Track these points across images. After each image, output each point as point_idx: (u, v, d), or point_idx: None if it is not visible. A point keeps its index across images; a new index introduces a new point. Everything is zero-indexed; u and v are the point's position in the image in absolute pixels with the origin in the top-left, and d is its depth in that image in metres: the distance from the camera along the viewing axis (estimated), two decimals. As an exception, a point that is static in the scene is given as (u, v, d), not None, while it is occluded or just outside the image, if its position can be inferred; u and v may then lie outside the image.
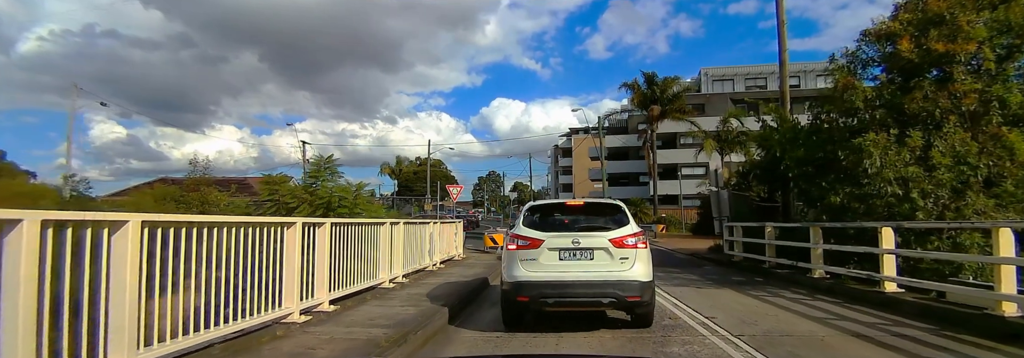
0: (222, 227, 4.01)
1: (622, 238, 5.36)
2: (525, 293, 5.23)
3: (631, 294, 5.17)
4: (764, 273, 10.33)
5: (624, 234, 5.39)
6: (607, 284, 5.20)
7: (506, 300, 5.47)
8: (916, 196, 7.45)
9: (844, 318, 6.02)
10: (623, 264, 5.29)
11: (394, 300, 6.43)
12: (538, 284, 5.21)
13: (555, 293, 5.21)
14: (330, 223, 5.67)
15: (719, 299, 7.46)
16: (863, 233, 8.06)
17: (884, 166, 7.56)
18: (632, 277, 5.23)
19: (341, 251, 6.03)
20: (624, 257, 5.31)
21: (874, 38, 8.79)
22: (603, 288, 5.19)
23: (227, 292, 4.10)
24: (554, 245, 5.35)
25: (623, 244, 5.34)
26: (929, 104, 7.84)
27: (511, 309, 5.54)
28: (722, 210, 15.01)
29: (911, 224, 7.18)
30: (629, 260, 5.31)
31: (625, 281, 5.20)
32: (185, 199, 18.12)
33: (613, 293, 5.16)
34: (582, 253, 5.34)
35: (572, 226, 5.66)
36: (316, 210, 10.46)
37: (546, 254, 5.33)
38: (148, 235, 3.31)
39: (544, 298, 5.20)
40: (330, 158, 11.76)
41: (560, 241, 5.36)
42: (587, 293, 5.21)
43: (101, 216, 3.10)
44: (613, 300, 5.20)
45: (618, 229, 5.45)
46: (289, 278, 4.90)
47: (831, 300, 7.23)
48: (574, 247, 5.34)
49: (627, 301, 5.21)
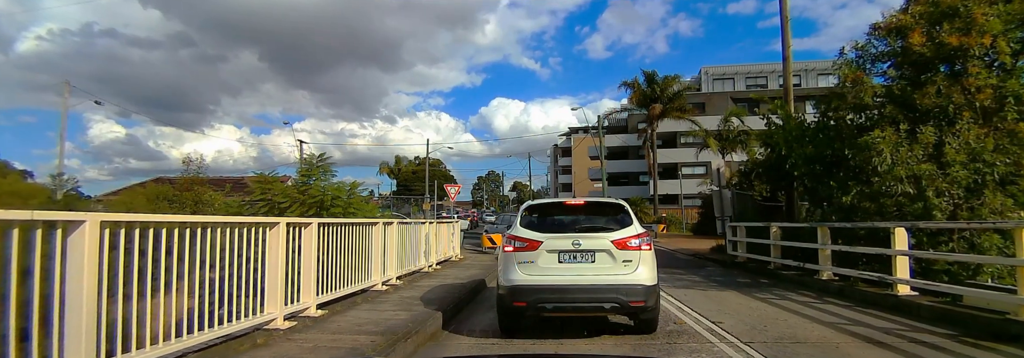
0: (196, 227, 3.72)
1: (625, 239, 5.02)
2: (522, 298, 4.89)
3: (635, 299, 4.82)
4: (769, 274, 10.05)
5: (627, 235, 5.05)
6: (609, 288, 4.85)
7: (502, 305, 5.11)
8: (931, 194, 7.16)
9: (858, 323, 5.73)
10: (626, 267, 4.96)
11: (386, 304, 6.14)
12: (536, 288, 4.88)
13: (554, 298, 4.88)
14: (317, 223, 5.38)
15: (725, 302, 7.17)
16: (874, 233, 7.78)
17: (896, 163, 7.29)
18: (636, 281, 4.89)
19: (330, 252, 5.74)
20: (627, 259, 4.97)
21: (884, 32, 8.51)
22: (605, 293, 4.84)
23: (202, 297, 3.83)
24: (553, 247, 5.03)
25: (626, 246, 5.00)
26: (942, 100, 7.56)
27: (507, 315, 5.16)
28: (724, 210, 14.71)
29: (928, 224, 6.88)
30: (633, 263, 4.97)
31: (628, 285, 4.86)
32: (178, 198, 17.82)
33: (615, 298, 4.82)
34: (583, 255, 5.02)
35: (572, 227, 5.31)
36: (309, 210, 10.16)
37: (545, 256, 5.01)
38: (110, 236, 3.03)
39: (542, 303, 4.87)
40: (323, 156, 11.45)
41: (559, 243, 5.04)
42: (588, 298, 4.87)
43: (53, 216, 2.81)
44: (615, 305, 4.85)
45: (621, 230, 5.12)
46: (272, 282, 4.62)
47: (842, 303, 6.94)
48: (574, 249, 5.01)
49: (630, 306, 4.85)
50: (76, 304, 2.82)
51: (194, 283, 3.80)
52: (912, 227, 6.86)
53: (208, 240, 3.80)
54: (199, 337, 3.72)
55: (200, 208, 17.93)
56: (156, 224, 3.39)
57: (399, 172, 67.83)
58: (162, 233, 3.41)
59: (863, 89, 8.06)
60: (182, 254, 3.66)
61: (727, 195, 14.73)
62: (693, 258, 15.07)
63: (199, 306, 3.78)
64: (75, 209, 14.68)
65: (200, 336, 3.72)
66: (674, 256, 16.09)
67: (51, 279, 2.77)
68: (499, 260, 5.42)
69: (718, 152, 29.38)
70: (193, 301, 3.77)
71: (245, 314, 4.25)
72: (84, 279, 2.83)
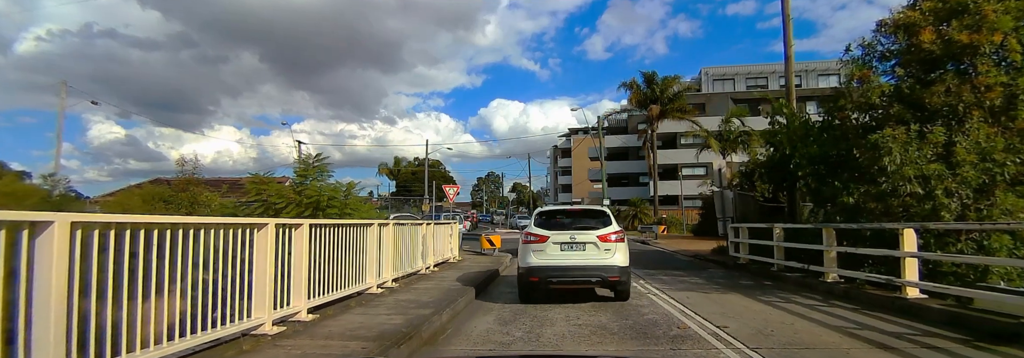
0: (177, 229, 3.54)
1: (606, 235, 7.08)
2: (536, 275, 6.92)
3: (612, 275, 6.86)
4: (773, 276, 9.87)
5: (607, 232, 7.12)
6: (595, 268, 6.89)
7: (522, 280, 7.16)
8: (940, 194, 6.98)
9: (867, 327, 5.55)
10: (607, 254, 7.00)
11: (380, 307, 5.95)
12: (545, 268, 6.91)
13: (557, 274, 6.89)
14: (308, 224, 5.20)
15: (729, 305, 6.99)
16: (880, 235, 7.61)
17: (905, 163, 7.10)
18: (613, 263, 6.93)
19: (322, 254, 5.56)
20: (607, 249, 7.01)
21: (892, 29, 8.33)
22: (592, 271, 6.89)
23: (187, 302, 3.65)
24: (557, 240, 7.04)
25: (607, 239, 7.05)
26: (952, 98, 7.38)
27: (526, 287, 7.16)
28: (726, 210, 14.52)
29: (939, 225, 6.70)
30: (611, 251, 7.01)
31: (608, 266, 6.90)
32: (174, 199, 17.61)
33: (599, 274, 6.87)
34: (577, 246, 7.05)
35: (570, 226, 7.26)
36: (305, 210, 9.97)
37: (551, 247, 7.03)
38: (82, 238, 2.85)
39: (549, 278, 6.88)
40: (319, 156, 11.27)
41: (561, 237, 7.06)
42: (581, 274, 6.90)
43: (18, 216, 2.63)
44: (599, 279, 6.92)
45: (603, 228, 7.16)
46: (260, 285, 4.44)
47: (849, 306, 6.76)
48: (571, 241, 7.06)
49: (609, 280, 6.93)
50: (44, 310, 2.64)
51: (176, 287, 3.64)
52: (921, 228, 6.67)
53: (190, 242, 3.62)
54: (181, 344, 3.53)
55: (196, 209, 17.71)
56: (133, 225, 3.21)
57: (398, 173, 67.59)
58: (140, 235, 3.23)
59: (870, 88, 7.87)
60: (163, 257, 3.48)
61: (729, 196, 14.54)
62: (694, 259, 14.88)
63: (181, 311, 3.60)
64: (68, 210, 14.49)
65: (182, 343, 3.54)
66: (675, 257, 15.91)
67: (16, 283, 2.59)
68: (519, 250, 7.40)
69: (719, 152, 29.17)
70: (174, 306, 3.60)
71: (231, 319, 4.07)
72: (53, 283, 2.65)
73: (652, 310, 6.61)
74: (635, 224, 33.69)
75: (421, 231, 9.78)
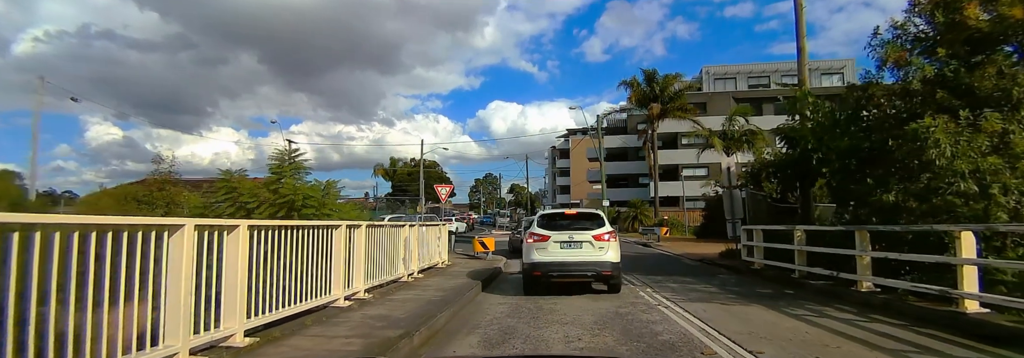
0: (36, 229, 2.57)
1: (600, 234, 7.94)
2: (539, 269, 7.82)
3: (605, 270, 7.75)
4: (794, 284, 8.90)
5: (601, 232, 7.98)
6: (590, 264, 7.76)
7: (526, 275, 8.03)
8: (996, 192, 6.03)
9: (929, 351, 4.58)
10: (600, 251, 7.86)
11: (341, 327, 4.95)
12: (547, 264, 7.79)
13: (557, 269, 7.77)
14: (247, 225, 4.22)
15: (755, 321, 6.01)
16: (923, 238, 6.65)
17: (956, 156, 6.15)
18: (606, 259, 7.81)
19: (271, 262, 4.60)
20: (601, 247, 7.87)
21: (928, 6, 7.41)
22: (588, 266, 7.76)
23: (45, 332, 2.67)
24: (557, 239, 7.91)
25: (600, 238, 7.91)
26: (1006, 81, 6.44)
27: (529, 281, 8.01)
28: (735, 211, 13.55)
29: (1010, 227, 5.70)
30: (604, 249, 7.87)
31: (602, 261, 7.77)
32: (149, 199, 16.62)
33: (594, 269, 7.76)
34: (574, 244, 7.91)
35: (568, 227, 8.15)
36: (278, 211, 8.99)
37: (552, 245, 7.89)
38: None
39: (550, 272, 7.76)
40: (294, 152, 10.29)
41: (561, 236, 7.93)
42: (578, 269, 7.78)
43: None
44: (594, 273, 7.80)
45: (597, 229, 8.03)
46: (174, 305, 3.47)
47: (894, 322, 5.78)
48: (570, 240, 7.92)
49: (603, 275, 7.81)
50: None
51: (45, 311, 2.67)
52: (986, 231, 5.69)
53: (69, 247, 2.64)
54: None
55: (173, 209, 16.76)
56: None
57: (394, 174, 66.43)
58: None
59: (911, 72, 6.92)
60: (26, 267, 2.53)
61: (739, 196, 13.58)
62: (702, 264, 13.88)
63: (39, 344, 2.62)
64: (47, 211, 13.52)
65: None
66: (681, 262, 14.92)
67: None
68: (523, 248, 8.33)
69: (723, 151, 28.21)
70: (46, 335, 2.63)
71: (125, 351, 3.10)
72: None
73: (666, 328, 5.62)
74: (635, 226, 32.71)
75: (403, 234, 8.79)
